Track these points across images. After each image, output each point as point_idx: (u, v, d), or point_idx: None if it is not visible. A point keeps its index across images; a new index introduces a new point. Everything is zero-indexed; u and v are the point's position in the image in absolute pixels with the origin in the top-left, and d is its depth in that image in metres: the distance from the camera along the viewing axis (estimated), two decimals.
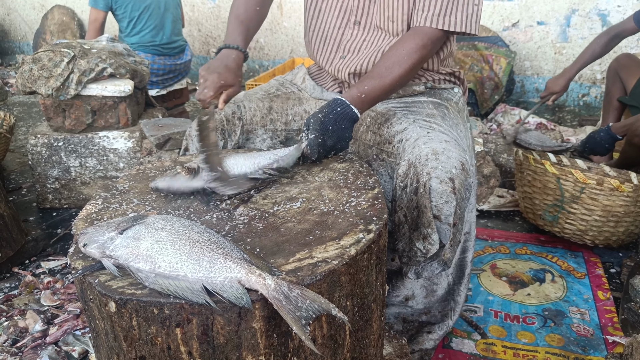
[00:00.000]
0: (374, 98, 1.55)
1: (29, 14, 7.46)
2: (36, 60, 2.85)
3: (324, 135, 1.43)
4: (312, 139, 1.42)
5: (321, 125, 1.42)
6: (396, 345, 1.56)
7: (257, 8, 1.81)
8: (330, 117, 1.44)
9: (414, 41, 1.57)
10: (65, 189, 3.01)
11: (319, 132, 1.42)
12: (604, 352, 1.89)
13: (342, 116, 1.46)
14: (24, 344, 1.91)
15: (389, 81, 1.55)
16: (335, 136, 1.45)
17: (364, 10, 1.72)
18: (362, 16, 1.74)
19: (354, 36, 1.76)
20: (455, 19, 1.57)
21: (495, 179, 3.01)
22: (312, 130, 1.42)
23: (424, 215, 1.41)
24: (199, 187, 1.33)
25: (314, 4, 1.81)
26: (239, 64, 1.66)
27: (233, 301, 0.92)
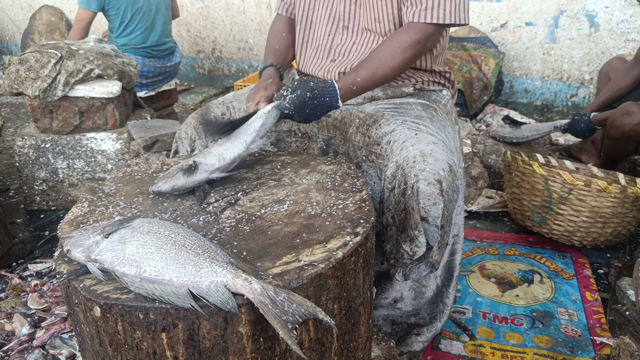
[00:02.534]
0: (362, 89, 1.58)
1: (16, 14, 7.41)
2: (23, 61, 2.82)
3: (296, 112, 1.49)
4: (285, 107, 1.48)
5: (301, 104, 1.48)
6: (384, 348, 1.56)
7: (283, 34, 1.93)
8: (315, 103, 1.48)
9: (409, 35, 1.58)
10: (52, 191, 2.99)
11: (294, 108, 1.48)
12: (591, 353, 1.89)
13: (325, 106, 1.51)
14: (10, 347, 1.89)
15: (380, 74, 1.56)
16: (305, 117, 1.51)
17: (351, 14, 1.73)
18: (350, 20, 1.74)
19: (343, 40, 1.77)
20: (444, 11, 1.57)
21: (483, 180, 3.02)
22: (291, 101, 1.48)
23: (411, 217, 1.41)
24: (203, 179, 1.38)
25: (304, 16, 1.84)
26: (271, 74, 1.74)
27: (219, 305, 0.92)
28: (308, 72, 1.86)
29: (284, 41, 1.92)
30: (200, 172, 1.38)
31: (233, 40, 6.25)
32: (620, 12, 4.54)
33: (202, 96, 5.75)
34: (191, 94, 5.86)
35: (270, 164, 1.53)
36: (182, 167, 1.37)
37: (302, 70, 1.90)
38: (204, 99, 5.65)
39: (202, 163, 1.39)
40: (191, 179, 1.36)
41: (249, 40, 6.15)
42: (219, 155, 1.42)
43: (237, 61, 6.32)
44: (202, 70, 6.59)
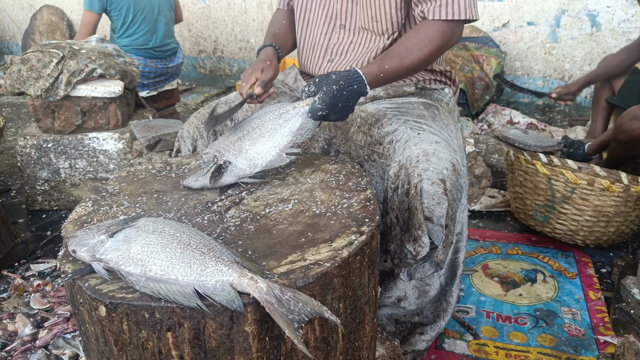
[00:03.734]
0: (390, 78, 1.55)
1: (17, 14, 7.41)
2: (25, 60, 2.82)
3: (330, 110, 1.40)
4: (317, 108, 1.39)
5: (332, 100, 1.39)
6: (389, 347, 1.56)
7: (283, 22, 1.94)
8: (344, 94, 1.41)
9: (435, 27, 1.57)
10: (54, 191, 2.98)
11: (327, 106, 1.39)
12: (595, 352, 1.89)
13: (355, 94, 1.44)
14: (13, 347, 1.89)
15: (407, 63, 1.55)
16: (340, 113, 1.43)
17: (347, 13, 1.73)
18: (346, 19, 1.74)
19: (340, 39, 1.77)
20: (459, 7, 1.57)
21: (486, 180, 3.01)
22: (321, 100, 1.39)
23: (415, 217, 1.40)
24: (232, 182, 1.37)
25: (302, 15, 1.84)
26: (268, 53, 1.73)
27: (225, 304, 0.91)
28: (308, 71, 1.86)
29: (283, 27, 1.92)
30: (230, 175, 1.35)
31: (234, 40, 6.25)
32: (622, 11, 4.54)
33: (204, 96, 5.75)
34: (193, 94, 5.86)
35: None
36: (213, 166, 1.34)
37: (303, 69, 1.90)
38: (206, 98, 5.65)
39: (233, 165, 1.36)
40: (221, 181, 1.35)
41: (251, 40, 6.15)
42: (251, 160, 1.37)
43: (238, 61, 6.32)
44: (204, 70, 6.59)
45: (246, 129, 1.43)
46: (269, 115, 1.43)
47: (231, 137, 1.43)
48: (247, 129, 1.43)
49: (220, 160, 1.36)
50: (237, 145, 1.40)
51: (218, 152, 1.39)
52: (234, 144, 1.40)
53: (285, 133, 1.39)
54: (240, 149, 1.39)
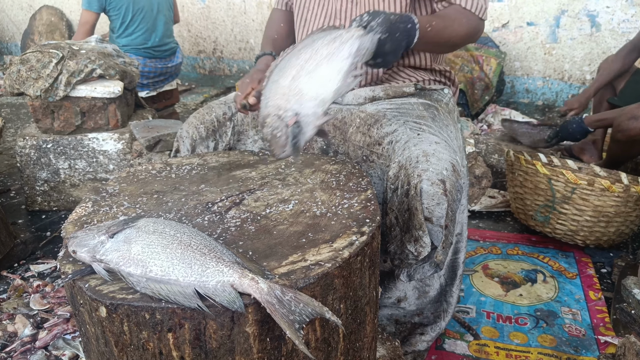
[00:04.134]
0: (433, 39, 1.47)
1: (16, 14, 7.41)
2: (24, 61, 2.82)
3: (389, 35, 1.27)
4: (376, 29, 1.25)
5: (390, 26, 1.27)
6: (389, 347, 1.56)
7: (281, 25, 1.94)
8: (400, 27, 1.31)
9: (466, 13, 1.57)
10: (54, 191, 2.98)
11: (386, 29, 1.26)
12: (595, 352, 1.89)
13: (406, 34, 1.33)
14: (13, 348, 1.88)
15: (448, 32, 1.53)
16: (394, 45, 1.30)
17: (347, 13, 1.72)
18: (346, 19, 1.73)
19: None
20: (479, 4, 1.57)
21: (487, 180, 3.01)
22: (378, 25, 1.26)
23: (415, 218, 1.40)
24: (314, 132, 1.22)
25: (301, 14, 1.83)
26: (268, 63, 1.70)
27: (226, 305, 0.91)
28: None
29: (282, 30, 1.92)
30: (308, 127, 1.20)
31: (234, 41, 6.25)
32: (622, 12, 4.54)
33: (203, 96, 5.75)
34: (192, 94, 5.86)
35: (274, 163, 1.53)
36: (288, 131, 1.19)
37: None
38: (205, 99, 5.65)
39: (303, 115, 1.19)
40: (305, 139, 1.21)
41: (250, 40, 6.15)
42: (316, 98, 1.20)
43: (238, 61, 6.32)
44: (203, 71, 6.59)
45: (296, 65, 1.25)
46: (318, 42, 1.26)
47: (282, 81, 1.24)
48: (297, 64, 1.25)
49: (289, 120, 1.21)
50: (294, 88, 1.22)
51: (279, 109, 1.22)
52: (290, 89, 1.23)
53: (345, 55, 1.22)
54: (300, 92, 1.22)
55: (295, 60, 1.25)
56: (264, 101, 1.26)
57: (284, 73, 1.24)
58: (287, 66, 1.25)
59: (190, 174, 1.49)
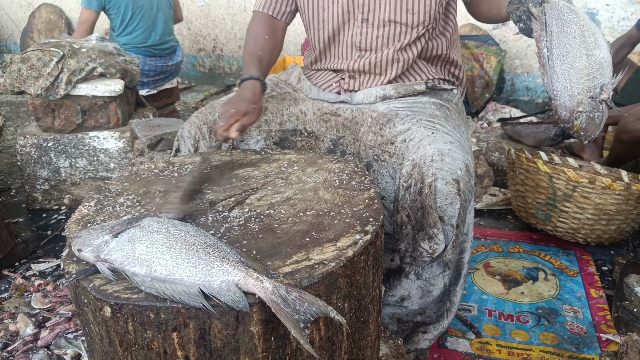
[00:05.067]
0: None
1: (15, 12, 7.40)
2: (25, 59, 2.81)
3: None
4: None
5: None
6: (392, 346, 1.56)
7: (265, 37, 1.82)
8: None
9: None
10: (55, 190, 2.98)
11: None
12: (597, 350, 1.89)
13: None
14: (15, 347, 1.88)
15: None
16: None
17: (371, 6, 1.70)
18: (369, 13, 1.71)
19: (365, 34, 1.73)
20: None
21: (489, 179, 3.01)
22: None
23: (430, 216, 1.39)
24: None
25: (314, 15, 1.79)
26: (255, 91, 1.66)
27: (231, 305, 0.91)
28: (333, 67, 1.83)
29: (266, 45, 1.81)
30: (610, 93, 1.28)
31: (234, 39, 6.24)
32: (621, 9, 4.54)
33: (203, 94, 5.75)
34: (192, 92, 5.86)
35: (277, 162, 1.52)
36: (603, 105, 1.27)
37: (323, 67, 1.86)
38: (205, 97, 5.64)
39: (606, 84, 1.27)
40: None
41: None
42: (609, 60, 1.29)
43: (238, 59, 6.31)
44: (203, 69, 6.58)
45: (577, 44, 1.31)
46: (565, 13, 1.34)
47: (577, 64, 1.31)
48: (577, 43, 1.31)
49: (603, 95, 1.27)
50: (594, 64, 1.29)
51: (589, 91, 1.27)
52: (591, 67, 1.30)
53: None
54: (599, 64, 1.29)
55: (571, 40, 1.30)
56: (566, 92, 1.30)
57: (573, 57, 1.29)
58: (568, 50, 1.30)
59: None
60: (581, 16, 1.34)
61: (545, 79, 1.35)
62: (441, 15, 1.76)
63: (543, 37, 1.35)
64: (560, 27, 1.33)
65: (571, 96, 1.29)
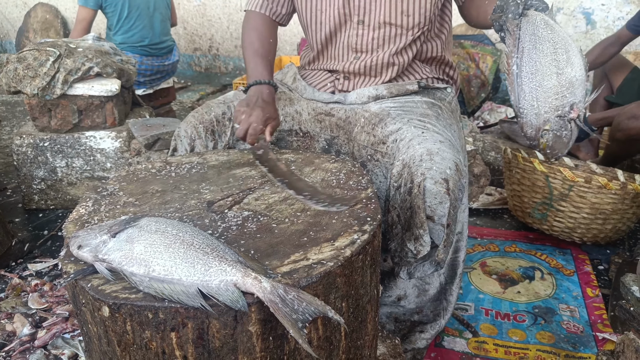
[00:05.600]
0: None
1: (11, 11, 7.37)
2: (21, 59, 2.81)
3: None
4: None
5: None
6: (389, 345, 1.56)
7: (270, 40, 1.84)
8: None
9: None
10: (51, 190, 2.97)
11: None
12: (594, 349, 1.90)
13: None
14: (12, 348, 1.88)
15: None
16: None
17: (366, 9, 1.70)
18: (365, 14, 1.71)
19: (361, 36, 1.74)
20: None
21: (485, 178, 3.02)
22: None
23: (417, 216, 1.40)
24: None
25: (311, 16, 1.79)
26: (273, 97, 1.69)
27: (229, 304, 0.91)
28: (329, 68, 1.83)
29: (272, 47, 1.84)
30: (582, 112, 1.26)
31: (230, 38, 6.23)
32: (617, 9, 4.55)
33: (199, 94, 5.74)
34: (188, 92, 5.85)
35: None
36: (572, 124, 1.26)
37: (320, 67, 1.86)
38: (201, 96, 5.63)
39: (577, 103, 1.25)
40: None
41: None
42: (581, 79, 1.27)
43: (234, 59, 6.31)
44: (199, 68, 6.57)
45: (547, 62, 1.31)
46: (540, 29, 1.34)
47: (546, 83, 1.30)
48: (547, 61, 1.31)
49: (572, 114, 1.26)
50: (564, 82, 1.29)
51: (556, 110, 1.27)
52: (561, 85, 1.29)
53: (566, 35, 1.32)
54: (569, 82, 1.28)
55: (542, 57, 1.29)
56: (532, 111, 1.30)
57: (542, 75, 1.29)
58: (538, 68, 1.29)
59: (190, 172, 1.48)
60: (557, 32, 1.32)
61: (512, 95, 1.34)
62: (437, 17, 1.76)
63: (514, 53, 1.34)
64: (533, 43, 1.32)
65: (537, 114, 1.29)
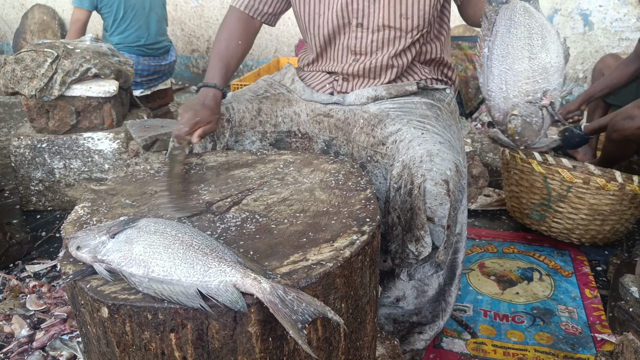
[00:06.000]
0: None
1: (8, 13, 7.35)
2: (19, 60, 2.80)
3: None
4: None
5: None
6: (388, 346, 1.56)
7: (239, 42, 1.82)
8: None
9: None
10: (49, 191, 2.97)
11: None
12: (592, 349, 1.90)
13: None
14: (10, 349, 1.87)
15: None
16: None
17: (365, 11, 1.70)
18: (364, 18, 1.71)
19: (360, 39, 1.73)
20: None
21: (484, 179, 3.02)
22: None
23: (418, 217, 1.40)
24: None
25: (310, 19, 1.79)
26: (217, 101, 1.70)
27: (228, 305, 0.91)
28: (329, 70, 1.83)
29: (238, 50, 1.82)
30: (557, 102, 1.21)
31: None
32: (614, 11, 4.56)
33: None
34: (186, 93, 5.85)
35: (273, 163, 1.53)
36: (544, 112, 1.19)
37: (320, 69, 1.86)
38: None
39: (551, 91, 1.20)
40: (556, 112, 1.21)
41: None
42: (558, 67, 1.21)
43: None
44: (197, 70, 6.57)
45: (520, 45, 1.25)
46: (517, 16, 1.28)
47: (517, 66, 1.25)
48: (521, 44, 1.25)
49: (544, 101, 1.20)
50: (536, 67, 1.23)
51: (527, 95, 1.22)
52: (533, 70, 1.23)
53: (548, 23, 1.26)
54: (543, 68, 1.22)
55: (515, 41, 1.23)
56: (500, 94, 1.24)
57: (513, 58, 1.22)
58: (509, 52, 1.23)
59: (188, 173, 1.48)
60: (536, 18, 1.28)
61: (481, 78, 1.30)
62: (436, 19, 1.76)
63: (488, 36, 1.30)
64: (507, 27, 1.28)
65: (506, 98, 1.25)
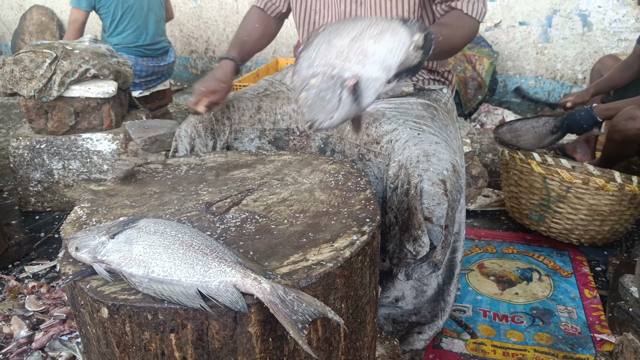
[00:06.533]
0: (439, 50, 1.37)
1: (6, 14, 7.35)
2: (17, 61, 2.80)
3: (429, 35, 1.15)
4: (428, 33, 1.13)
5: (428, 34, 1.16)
6: (388, 347, 1.56)
7: (255, 25, 1.92)
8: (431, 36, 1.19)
9: (467, 19, 1.61)
10: (48, 192, 2.96)
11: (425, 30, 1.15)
12: (592, 350, 1.90)
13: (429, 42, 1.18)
14: (9, 350, 1.87)
15: (455, 40, 1.59)
16: None
17: (359, 10, 1.71)
18: None
19: None
20: (480, 9, 1.61)
21: (483, 180, 3.02)
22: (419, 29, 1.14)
23: (415, 217, 1.40)
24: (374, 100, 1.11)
25: (307, 18, 1.81)
26: (227, 71, 1.75)
27: (229, 305, 0.91)
28: None
29: (254, 32, 1.93)
30: (369, 91, 1.08)
31: (226, 40, 6.23)
32: (613, 11, 4.57)
33: None
34: (185, 94, 5.84)
35: (272, 163, 1.52)
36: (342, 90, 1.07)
37: None
38: None
39: (365, 78, 1.07)
40: (364, 104, 1.08)
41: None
42: (383, 62, 1.08)
43: None
44: (195, 71, 6.57)
45: (355, 28, 1.14)
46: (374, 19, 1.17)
47: (337, 41, 1.13)
48: (356, 28, 1.14)
49: (348, 80, 1.08)
50: (355, 48, 1.10)
51: (332, 67, 1.10)
52: (350, 49, 1.10)
53: (405, 33, 1.12)
54: (363, 52, 1.10)
55: (352, 25, 1.14)
56: (307, 61, 1.14)
57: (338, 34, 1.13)
58: (342, 29, 1.14)
59: (188, 174, 1.48)
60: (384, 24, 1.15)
61: (301, 48, 1.19)
62: (430, 19, 1.76)
63: None
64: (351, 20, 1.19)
65: (309, 65, 1.13)
